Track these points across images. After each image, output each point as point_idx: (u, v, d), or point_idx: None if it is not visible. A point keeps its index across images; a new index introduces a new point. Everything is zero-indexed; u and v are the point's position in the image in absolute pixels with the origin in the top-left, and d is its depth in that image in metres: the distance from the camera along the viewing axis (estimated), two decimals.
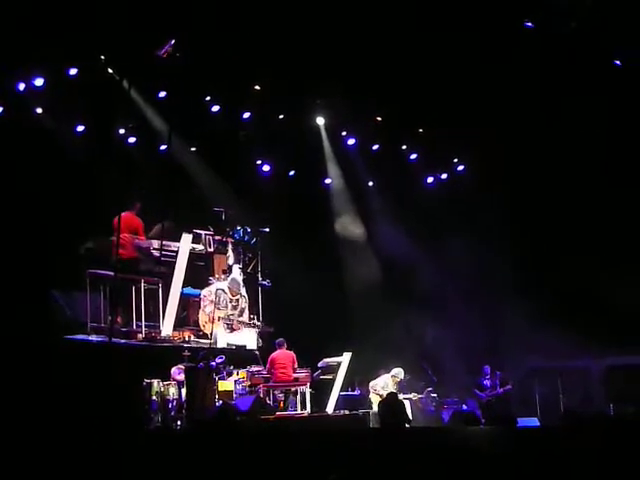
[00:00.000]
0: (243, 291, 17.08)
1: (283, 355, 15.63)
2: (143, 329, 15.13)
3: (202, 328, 16.28)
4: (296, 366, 15.61)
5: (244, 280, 17.22)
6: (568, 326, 15.40)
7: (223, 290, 16.84)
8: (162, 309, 15.47)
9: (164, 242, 15.88)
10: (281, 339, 15.92)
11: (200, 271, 16.92)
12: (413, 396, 16.48)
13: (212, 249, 17.23)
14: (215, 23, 13.42)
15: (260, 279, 17.73)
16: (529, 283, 16.92)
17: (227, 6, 13.33)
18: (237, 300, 17.18)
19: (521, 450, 4.71)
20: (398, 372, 16.51)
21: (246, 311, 17.20)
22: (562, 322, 15.48)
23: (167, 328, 15.60)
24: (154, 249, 16.00)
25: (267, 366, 15.56)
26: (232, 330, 16.84)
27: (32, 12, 12.34)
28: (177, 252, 16.13)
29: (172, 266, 15.97)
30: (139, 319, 15.19)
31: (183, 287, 16.12)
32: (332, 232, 19.49)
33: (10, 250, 13.67)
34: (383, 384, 16.44)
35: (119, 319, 14.81)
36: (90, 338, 14.92)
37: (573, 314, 15.79)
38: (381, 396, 15.47)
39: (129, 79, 14.59)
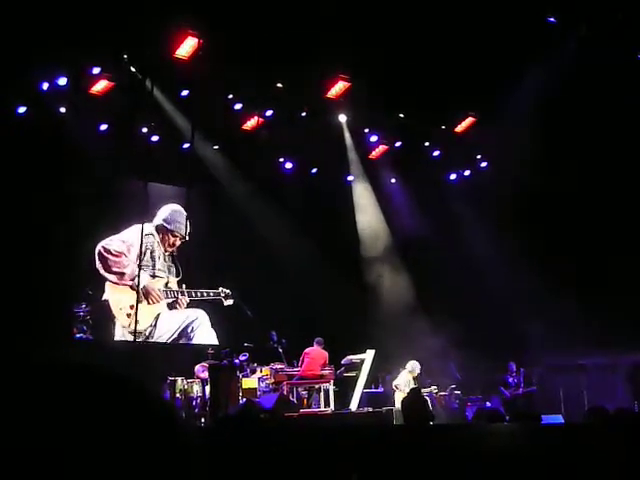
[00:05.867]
0: None
1: (317, 352, 15.63)
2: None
3: None
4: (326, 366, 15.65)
5: None
6: (593, 322, 15.31)
7: None
8: None
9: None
10: (320, 338, 15.90)
11: None
12: (434, 389, 16.38)
13: None
14: (236, 21, 13.43)
15: None
16: (554, 280, 16.80)
17: (249, 4, 13.37)
18: None
19: (545, 447, 4.68)
20: (414, 366, 16.39)
21: None
22: (587, 318, 15.39)
23: None
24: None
25: (301, 357, 15.62)
26: None
27: (55, 11, 12.41)
28: None
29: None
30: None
31: None
32: (354, 229, 19.52)
33: (30, 249, 13.80)
34: (405, 381, 16.37)
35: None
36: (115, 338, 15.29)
37: (598, 310, 15.65)
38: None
39: (152, 78, 14.66)
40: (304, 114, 17.01)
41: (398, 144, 18.80)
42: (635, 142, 16.07)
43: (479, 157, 19.59)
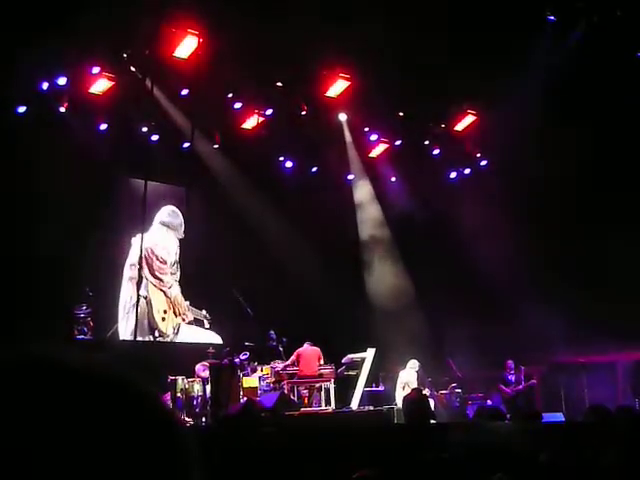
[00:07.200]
0: None
1: (310, 351, 15.62)
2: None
3: None
4: (322, 362, 15.59)
5: None
6: (594, 320, 15.29)
7: None
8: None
9: None
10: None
11: None
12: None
13: None
14: (236, 20, 13.43)
15: None
16: (555, 277, 16.79)
17: (248, 2, 13.38)
18: None
19: (546, 445, 4.68)
20: (414, 364, 16.40)
21: None
22: (588, 316, 15.38)
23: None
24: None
25: (293, 358, 15.51)
26: None
27: (55, 10, 12.40)
28: None
29: None
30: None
31: None
32: (354, 228, 19.53)
33: (29, 249, 13.80)
34: (415, 379, 16.31)
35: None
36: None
37: (599, 308, 15.64)
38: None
39: (151, 77, 14.64)
40: (304, 113, 16.98)
41: (398, 142, 18.79)
42: (635, 140, 16.08)
43: (479, 155, 19.56)
